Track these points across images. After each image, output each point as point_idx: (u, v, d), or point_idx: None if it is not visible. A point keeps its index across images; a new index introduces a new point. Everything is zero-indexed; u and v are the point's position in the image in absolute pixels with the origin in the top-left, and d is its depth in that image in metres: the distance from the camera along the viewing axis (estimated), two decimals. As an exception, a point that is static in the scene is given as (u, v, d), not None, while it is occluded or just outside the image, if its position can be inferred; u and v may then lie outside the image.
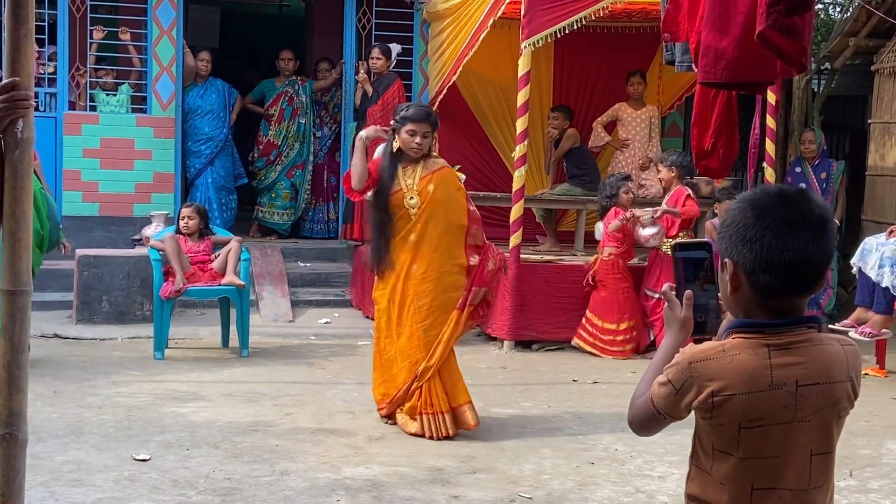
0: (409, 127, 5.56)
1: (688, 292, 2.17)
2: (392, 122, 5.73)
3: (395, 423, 5.68)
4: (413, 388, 5.54)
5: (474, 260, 5.64)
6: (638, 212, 7.97)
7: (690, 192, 8.12)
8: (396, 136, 5.62)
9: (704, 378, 2.04)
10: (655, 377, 2.14)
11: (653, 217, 7.87)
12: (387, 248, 5.60)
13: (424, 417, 5.51)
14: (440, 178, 5.66)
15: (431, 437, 5.47)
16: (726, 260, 2.09)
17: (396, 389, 5.59)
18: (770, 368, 2.04)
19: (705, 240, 2.24)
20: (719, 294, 2.16)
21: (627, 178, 8.41)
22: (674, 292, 2.20)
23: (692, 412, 2.10)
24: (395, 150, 5.63)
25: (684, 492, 2.19)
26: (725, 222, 2.10)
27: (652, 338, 7.97)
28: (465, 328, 5.70)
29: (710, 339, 2.15)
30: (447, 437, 5.48)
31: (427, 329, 5.55)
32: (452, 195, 5.68)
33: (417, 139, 5.56)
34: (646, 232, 7.93)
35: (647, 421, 2.18)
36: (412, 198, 5.59)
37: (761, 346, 2.05)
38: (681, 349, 2.14)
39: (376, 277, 5.74)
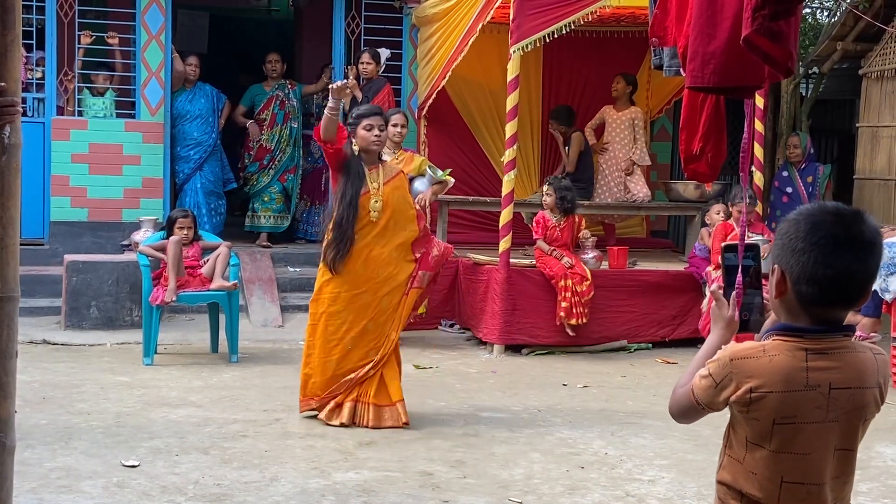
0: (365, 122, 5.77)
1: (735, 293, 2.33)
2: (347, 128, 5.89)
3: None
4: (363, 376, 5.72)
5: (419, 253, 5.85)
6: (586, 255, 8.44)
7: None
8: (354, 140, 5.80)
9: (744, 375, 2.18)
10: (698, 370, 2.28)
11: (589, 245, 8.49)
12: (348, 249, 5.66)
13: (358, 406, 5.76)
14: (399, 184, 5.89)
15: (353, 425, 5.69)
16: (775, 266, 2.22)
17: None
18: (806, 371, 2.17)
19: (753, 242, 2.35)
20: (765, 295, 2.30)
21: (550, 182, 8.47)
22: (722, 292, 2.35)
23: (728, 405, 2.23)
24: (357, 154, 5.81)
25: (716, 478, 2.32)
26: (781, 230, 2.23)
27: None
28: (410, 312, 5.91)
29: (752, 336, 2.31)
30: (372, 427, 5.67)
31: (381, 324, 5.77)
32: (406, 199, 5.92)
33: (375, 132, 5.77)
34: (587, 256, 8.37)
35: (686, 410, 2.33)
36: (377, 201, 5.74)
37: (799, 349, 2.18)
38: (723, 346, 2.28)
39: (326, 270, 5.77)
